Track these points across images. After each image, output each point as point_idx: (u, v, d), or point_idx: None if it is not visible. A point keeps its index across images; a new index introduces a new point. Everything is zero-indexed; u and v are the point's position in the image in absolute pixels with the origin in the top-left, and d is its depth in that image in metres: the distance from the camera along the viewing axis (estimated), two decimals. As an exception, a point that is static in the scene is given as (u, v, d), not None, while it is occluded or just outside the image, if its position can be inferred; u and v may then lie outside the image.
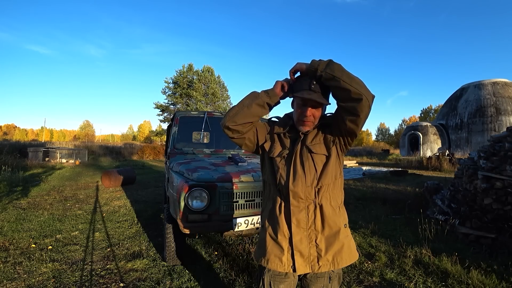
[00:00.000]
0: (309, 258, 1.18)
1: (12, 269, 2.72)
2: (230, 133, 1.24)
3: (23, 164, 12.23)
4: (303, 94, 1.16)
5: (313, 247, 1.19)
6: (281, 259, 1.19)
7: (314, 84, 1.15)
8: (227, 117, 1.22)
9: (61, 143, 28.12)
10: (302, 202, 1.20)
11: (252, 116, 1.22)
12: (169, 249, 2.74)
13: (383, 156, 23.02)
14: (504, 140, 3.87)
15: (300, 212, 1.20)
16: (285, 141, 1.31)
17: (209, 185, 2.41)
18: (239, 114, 1.20)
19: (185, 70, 28.60)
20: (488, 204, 3.53)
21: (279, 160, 1.28)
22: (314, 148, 1.24)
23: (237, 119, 1.20)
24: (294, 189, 1.19)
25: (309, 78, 1.17)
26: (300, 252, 1.18)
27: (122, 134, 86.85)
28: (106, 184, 7.88)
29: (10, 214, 4.71)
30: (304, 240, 1.18)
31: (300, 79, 1.22)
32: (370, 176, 10.53)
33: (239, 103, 1.23)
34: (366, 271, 2.76)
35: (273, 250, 1.21)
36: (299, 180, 1.20)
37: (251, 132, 1.28)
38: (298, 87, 1.20)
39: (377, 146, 44.69)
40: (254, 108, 1.20)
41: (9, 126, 77.91)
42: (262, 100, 1.20)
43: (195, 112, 3.94)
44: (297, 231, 1.18)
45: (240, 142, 1.29)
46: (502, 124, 18.61)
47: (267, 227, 1.27)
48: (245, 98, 1.23)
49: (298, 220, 1.19)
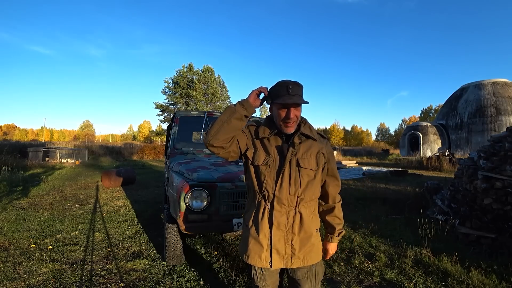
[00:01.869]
0: (284, 255, 1.33)
1: (12, 269, 2.72)
2: (215, 150, 1.29)
3: (23, 164, 12.23)
4: (285, 99, 1.23)
5: (288, 246, 1.33)
6: (260, 256, 1.33)
7: (291, 87, 1.23)
8: (209, 135, 1.26)
9: (61, 143, 28.11)
10: (284, 208, 1.32)
11: (233, 131, 1.27)
12: (169, 249, 2.74)
13: (383, 156, 23.03)
14: (504, 140, 3.87)
15: (282, 216, 1.32)
16: (269, 147, 1.36)
17: (209, 185, 2.41)
18: (220, 131, 1.24)
19: (185, 70, 28.61)
20: (488, 204, 3.53)
21: (265, 168, 1.33)
22: (303, 162, 1.32)
23: (219, 136, 1.25)
24: (279, 196, 1.30)
25: (283, 83, 1.25)
26: (277, 250, 1.32)
27: (122, 134, 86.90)
28: (106, 184, 7.88)
29: (10, 214, 4.71)
30: (282, 240, 1.33)
31: (275, 86, 1.28)
32: (370, 176, 10.53)
33: (217, 120, 1.26)
34: (366, 271, 2.76)
35: (253, 248, 1.34)
36: (284, 189, 1.30)
37: (234, 144, 1.32)
38: (276, 93, 1.27)
39: (377, 146, 44.74)
40: (233, 122, 1.24)
41: (9, 126, 77.94)
42: (239, 113, 1.25)
43: (195, 112, 3.94)
44: (276, 232, 1.32)
45: (225, 156, 1.33)
46: (502, 124, 18.62)
47: (251, 227, 1.38)
48: (223, 114, 1.27)
49: (279, 223, 1.32)
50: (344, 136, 62.87)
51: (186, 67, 28.80)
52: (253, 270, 1.43)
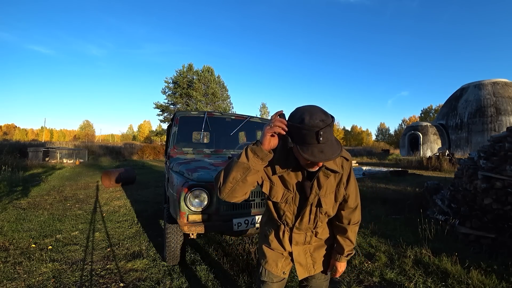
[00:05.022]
0: (307, 266, 1.37)
1: (12, 269, 2.72)
2: (232, 202, 1.18)
3: (23, 164, 12.23)
4: (315, 155, 0.95)
5: (309, 257, 1.38)
6: (277, 264, 1.37)
7: (322, 134, 0.94)
8: (224, 194, 1.11)
9: (61, 143, 28.09)
10: (303, 231, 1.34)
11: (249, 186, 1.11)
12: (169, 249, 2.74)
13: (383, 156, 23.01)
14: (504, 140, 3.87)
15: (300, 237, 1.34)
16: (288, 180, 1.20)
17: (209, 185, 2.41)
18: (236, 190, 1.09)
19: (185, 70, 28.60)
20: (488, 204, 3.53)
21: (284, 205, 1.26)
22: (324, 202, 1.23)
23: (236, 194, 1.11)
24: (298, 227, 1.31)
25: (311, 126, 0.94)
26: (299, 263, 1.36)
27: (122, 134, 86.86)
28: (106, 184, 7.87)
29: (10, 214, 4.71)
30: (302, 253, 1.37)
31: (300, 125, 0.96)
32: (370, 176, 10.53)
33: (230, 178, 1.07)
34: (366, 271, 2.76)
35: (272, 256, 1.38)
36: (304, 223, 1.29)
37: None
38: (300, 137, 0.98)
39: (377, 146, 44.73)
40: (249, 180, 1.07)
41: (9, 126, 77.92)
42: (255, 170, 1.05)
43: (195, 112, 3.94)
44: (295, 248, 1.35)
45: (243, 199, 1.19)
46: (502, 124, 18.62)
47: (271, 241, 1.38)
48: (235, 171, 1.05)
49: (297, 241, 1.35)
50: (344, 136, 62.87)
51: (186, 67, 28.79)
52: (262, 267, 1.43)
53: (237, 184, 1.08)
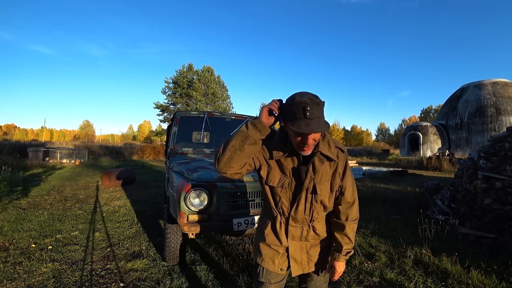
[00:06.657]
0: (301, 262, 1.37)
1: (12, 269, 2.72)
2: (229, 175, 1.22)
3: (23, 164, 12.22)
4: (301, 127, 1.04)
5: (304, 254, 1.37)
6: (274, 261, 1.36)
7: (309, 109, 1.03)
8: (221, 163, 1.18)
9: (61, 143, 28.07)
10: (299, 224, 1.33)
11: (247, 157, 1.19)
12: (169, 249, 2.74)
13: (383, 156, 23.02)
14: (504, 140, 3.87)
15: (296, 230, 1.34)
16: (285, 166, 1.26)
17: (209, 185, 2.41)
18: (233, 159, 1.16)
19: (185, 70, 28.60)
20: (488, 204, 3.53)
21: (280, 190, 1.29)
22: (320, 189, 1.26)
23: (233, 164, 1.17)
24: (294, 216, 1.31)
25: (300, 102, 1.04)
26: (295, 259, 1.35)
27: (122, 134, 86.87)
28: (106, 184, 7.88)
29: (10, 214, 4.71)
30: (298, 249, 1.36)
31: (290, 103, 1.08)
32: (370, 176, 10.53)
33: (229, 146, 1.16)
34: (366, 271, 2.76)
35: (268, 253, 1.37)
36: (300, 211, 1.30)
37: (248, 165, 1.25)
38: (290, 114, 1.08)
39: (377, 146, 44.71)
40: (246, 149, 1.15)
41: (9, 126, 77.95)
42: (253, 138, 1.14)
43: (195, 112, 3.94)
44: (292, 243, 1.35)
45: (239, 177, 1.27)
46: (502, 124, 18.63)
47: (267, 235, 1.38)
48: (234, 139, 1.15)
49: (294, 235, 1.34)
50: (344, 136, 62.84)
51: (186, 67, 28.79)
52: (259, 267, 1.42)
53: (234, 152, 1.15)
